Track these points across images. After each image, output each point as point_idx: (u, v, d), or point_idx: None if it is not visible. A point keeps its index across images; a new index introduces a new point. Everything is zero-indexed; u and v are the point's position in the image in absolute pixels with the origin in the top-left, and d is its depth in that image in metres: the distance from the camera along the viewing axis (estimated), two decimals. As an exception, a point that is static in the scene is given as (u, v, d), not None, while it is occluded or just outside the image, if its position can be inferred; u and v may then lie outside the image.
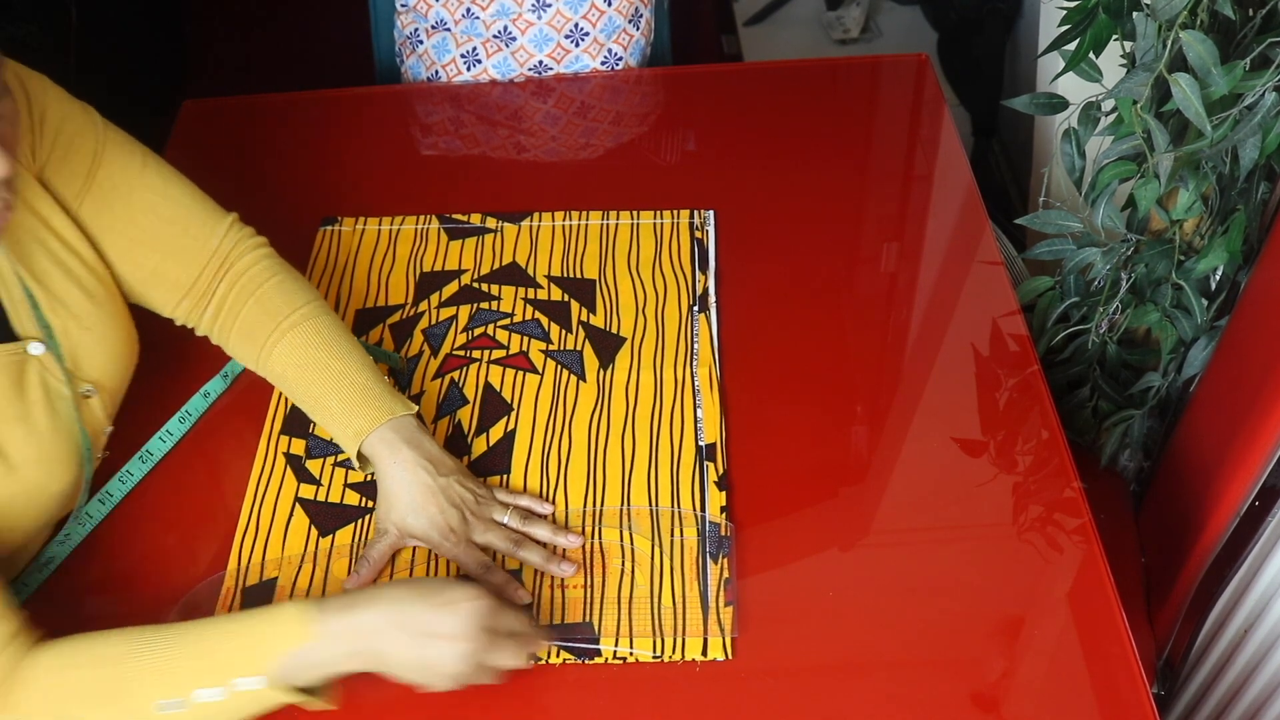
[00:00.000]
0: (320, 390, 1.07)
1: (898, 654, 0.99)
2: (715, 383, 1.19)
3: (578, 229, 1.37)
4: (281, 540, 1.08)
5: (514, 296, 1.29)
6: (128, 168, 1.05)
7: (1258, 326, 1.17)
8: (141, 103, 2.27)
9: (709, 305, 1.27)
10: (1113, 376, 1.41)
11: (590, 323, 1.26)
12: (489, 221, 1.38)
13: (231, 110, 1.59)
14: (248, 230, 1.14)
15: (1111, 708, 0.95)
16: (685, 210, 1.38)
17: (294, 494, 1.11)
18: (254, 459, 1.14)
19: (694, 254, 1.33)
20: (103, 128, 1.05)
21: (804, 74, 1.65)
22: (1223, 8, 1.05)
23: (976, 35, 2.23)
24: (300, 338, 1.09)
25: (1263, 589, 1.19)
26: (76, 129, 1.02)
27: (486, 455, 1.14)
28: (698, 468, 1.11)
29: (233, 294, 1.11)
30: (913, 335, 1.27)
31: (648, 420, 1.16)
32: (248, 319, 1.11)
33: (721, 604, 1.01)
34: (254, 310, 1.11)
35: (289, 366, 1.09)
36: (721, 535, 1.06)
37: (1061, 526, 1.07)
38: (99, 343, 1.03)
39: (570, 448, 1.14)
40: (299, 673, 0.89)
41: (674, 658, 0.98)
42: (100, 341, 1.03)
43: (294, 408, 1.15)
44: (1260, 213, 1.24)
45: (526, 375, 1.21)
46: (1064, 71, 1.19)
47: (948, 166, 1.46)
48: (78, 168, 1.02)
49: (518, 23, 1.56)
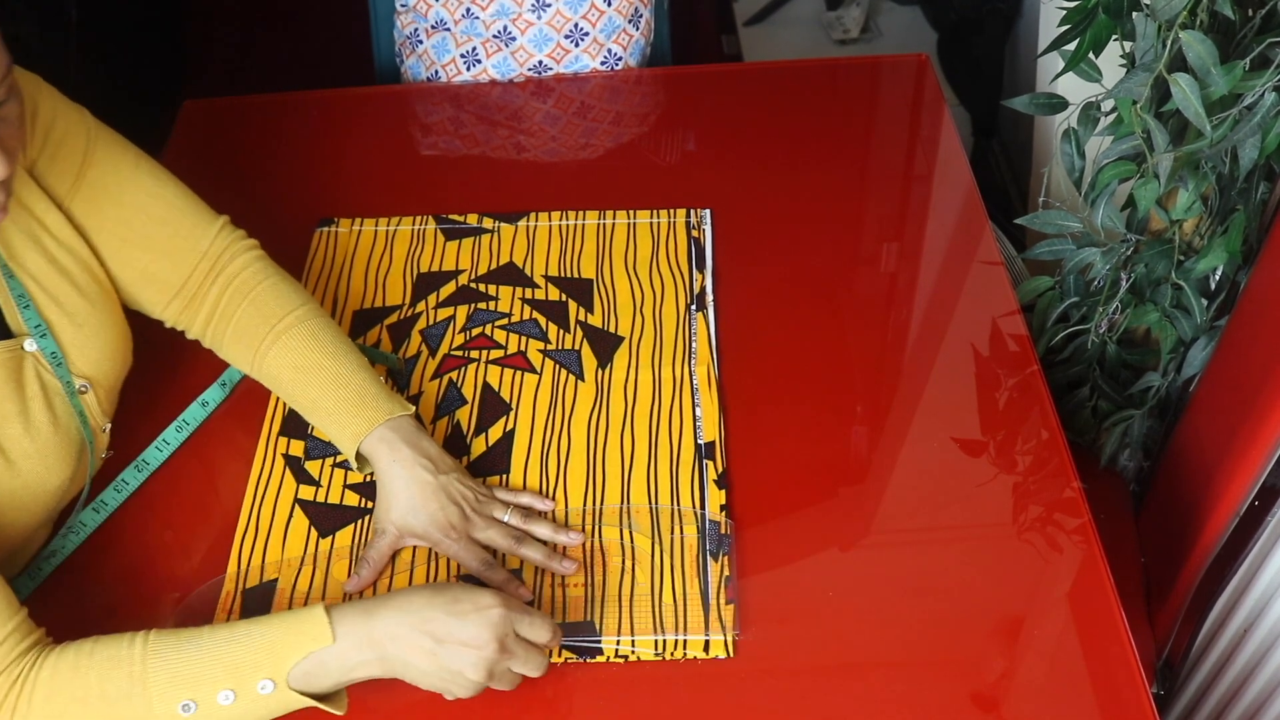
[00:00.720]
0: (317, 393, 1.07)
1: (898, 654, 0.99)
2: (713, 381, 1.19)
3: (575, 229, 1.37)
4: (281, 542, 1.08)
5: (511, 296, 1.29)
6: (119, 168, 1.05)
7: (1257, 326, 1.17)
8: (141, 102, 2.27)
9: (706, 304, 1.27)
10: (1112, 376, 1.41)
11: (588, 322, 1.26)
12: (486, 222, 1.38)
13: (231, 110, 1.59)
14: (239, 233, 1.14)
15: (1111, 707, 0.95)
16: (682, 209, 1.38)
17: (293, 495, 1.11)
18: (253, 460, 1.14)
19: (691, 253, 1.33)
20: (94, 128, 1.05)
21: (804, 74, 1.65)
22: (1222, 8, 1.05)
23: (976, 35, 2.23)
24: (295, 341, 1.09)
25: (1262, 589, 1.19)
26: (67, 127, 1.02)
27: (486, 455, 1.14)
28: (697, 466, 1.11)
29: (225, 297, 1.11)
30: (913, 335, 1.27)
31: (646, 419, 1.16)
32: (241, 323, 1.11)
33: (722, 602, 1.01)
34: (248, 314, 1.10)
35: (284, 369, 1.09)
36: (721, 533, 1.06)
37: (1061, 526, 1.07)
38: (93, 339, 1.03)
39: (569, 447, 1.14)
40: (316, 678, 0.89)
41: (676, 656, 0.98)
42: (94, 337, 1.03)
43: (292, 409, 1.15)
44: (1260, 213, 1.24)
45: (525, 375, 1.21)
46: (1064, 71, 1.19)
47: (948, 166, 1.46)
48: (68, 165, 1.02)
49: (517, 23, 1.56)
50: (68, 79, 1.05)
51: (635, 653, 0.98)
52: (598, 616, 1.00)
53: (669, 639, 0.99)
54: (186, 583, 1.05)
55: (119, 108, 1.14)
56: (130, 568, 1.07)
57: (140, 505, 1.12)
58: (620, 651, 0.98)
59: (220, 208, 1.14)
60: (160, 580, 1.06)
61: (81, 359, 1.02)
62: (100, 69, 2.21)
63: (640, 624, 1.00)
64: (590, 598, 1.02)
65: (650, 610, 1.01)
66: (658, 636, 0.99)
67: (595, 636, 0.99)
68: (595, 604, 1.01)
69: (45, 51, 2.03)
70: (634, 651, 0.98)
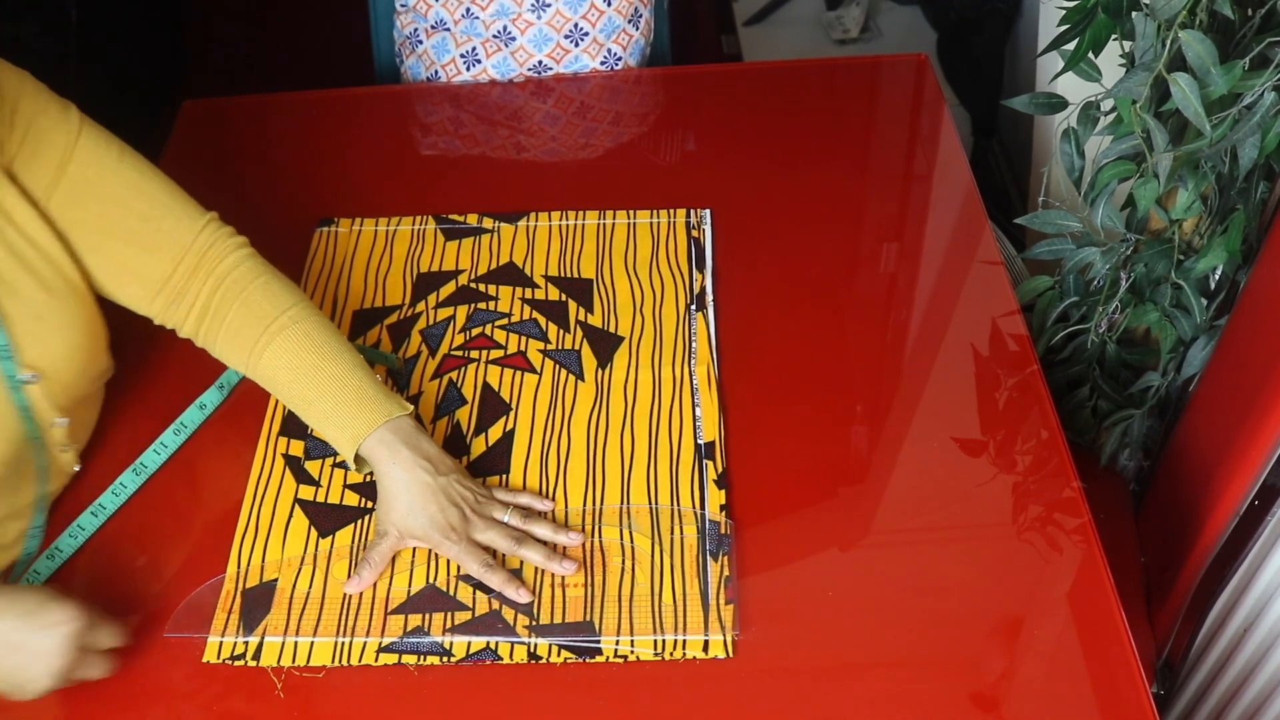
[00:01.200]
0: (314, 394, 1.07)
1: (898, 654, 0.99)
2: (713, 381, 1.19)
3: (574, 229, 1.37)
4: (281, 542, 1.07)
5: (511, 296, 1.29)
6: (102, 162, 1.05)
7: (1257, 326, 1.17)
8: (142, 102, 2.27)
9: (706, 304, 1.27)
10: (1112, 376, 1.41)
11: (588, 322, 1.26)
12: (485, 222, 1.38)
13: (231, 110, 1.59)
14: (227, 229, 1.13)
15: (1111, 707, 0.95)
16: (682, 209, 1.38)
17: (293, 495, 1.11)
18: (252, 460, 1.14)
19: (691, 253, 1.33)
20: (79, 123, 1.05)
21: (804, 74, 1.65)
22: (1222, 7, 1.05)
23: (976, 35, 2.23)
24: (289, 341, 1.08)
25: (1262, 589, 1.19)
26: (51, 124, 1.02)
27: (486, 455, 1.14)
28: (697, 466, 1.11)
29: (217, 297, 1.10)
30: (913, 335, 1.27)
31: (646, 419, 1.16)
32: (234, 323, 1.10)
33: (722, 602, 1.01)
34: (240, 313, 1.10)
35: (279, 370, 1.08)
36: (721, 533, 1.06)
37: (1061, 526, 1.07)
38: (54, 332, 1.03)
39: (569, 447, 1.14)
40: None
41: (675, 656, 0.98)
42: (55, 331, 1.03)
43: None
44: (1259, 212, 1.24)
45: (525, 375, 1.21)
46: (1063, 71, 1.19)
47: (948, 166, 1.46)
48: (48, 162, 1.02)
49: (517, 23, 1.56)
50: (68, 79, 1.05)
51: (634, 653, 0.98)
52: (597, 616, 1.00)
53: (668, 639, 0.99)
54: (186, 583, 1.05)
55: (119, 108, 1.14)
56: (130, 569, 1.07)
57: (139, 506, 1.12)
58: (619, 651, 0.98)
59: (220, 208, 1.13)
60: (160, 579, 1.06)
61: (35, 350, 1.02)
62: (100, 69, 2.21)
63: (640, 624, 1.00)
64: (590, 598, 1.02)
65: (650, 610, 1.01)
66: (657, 637, 0.99)
67: (595, 637, 0.99)
68: (595, 604, 1.01)
69: (45, 52, 2.03)
70: (633, 651, 0.98)
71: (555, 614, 1.01)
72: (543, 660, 0.98)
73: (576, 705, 0.96)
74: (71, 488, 1.12)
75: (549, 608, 1.01)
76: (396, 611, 1.02)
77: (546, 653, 0.98)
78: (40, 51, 1.99)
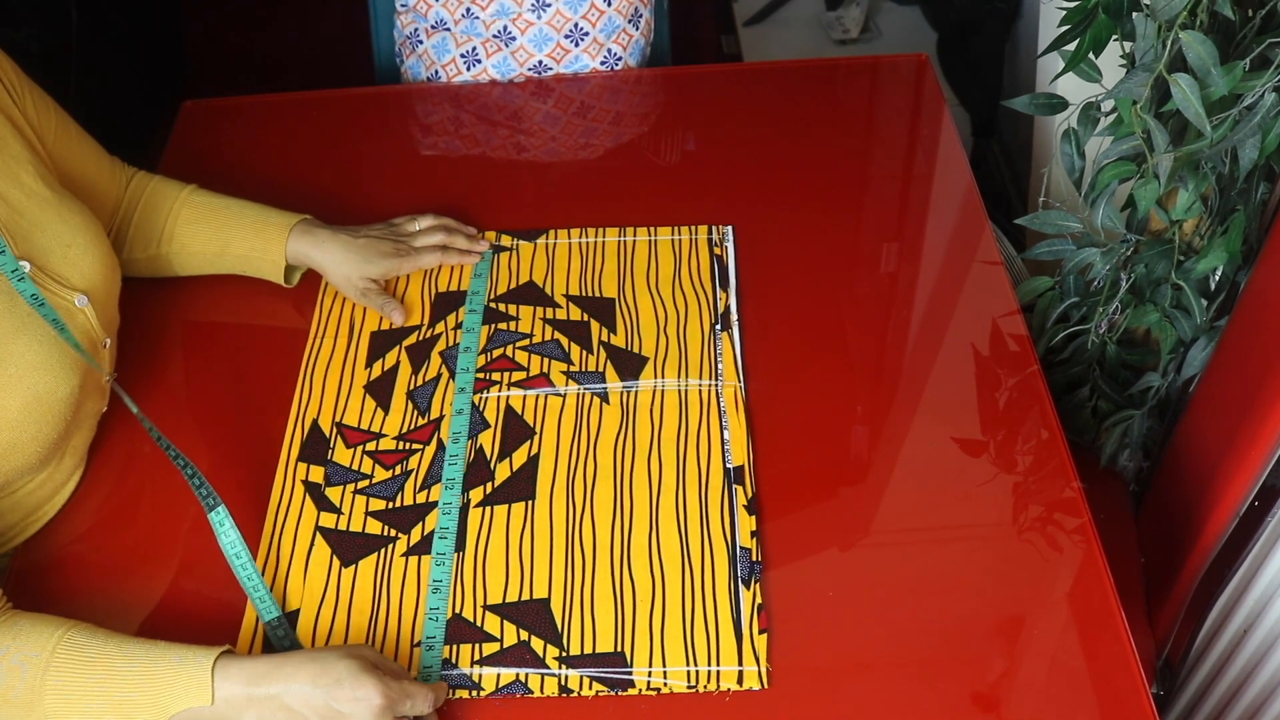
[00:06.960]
0: (223, 238, 1.24)
1: (898, 654, 0.99)
2: (741, 403, 1.17)
3: (595, 246, 1.34)
4: (303, 571, 1.05)
5: (532, 316, 1.26)
6: (44, 123, 1.13)
7: (1257, 326, 1.17)
8: (141, 102, 2.27)
9: (731, 323, 1.25)
10: (1112, 376, 1.41)
11: (611, 343, 1.23)
12: (504, 239, 1.35)
13: (231, 110, 1.59)
14: (131, 169, 1.28)
15: (1111, 708, 0.95)
16: (704, 226, 1.36)
17: (314, 523, 1.09)
18: (271, 487, 1.12)
19: (714, 271, 1.31)
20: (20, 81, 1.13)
21: (804, 74, 1.65)
22: (1222, 8, 1.05)
23: (976, 35, 2.23)
24: (192, 211, 1.25)
25: (1262, 589, 1.19)
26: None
27: (510, 481, 1.11)
28: (726, 491, 1.10)
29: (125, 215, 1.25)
30: (913, 335, 1.27)
31: (674, 443, 1.14)
32: (141, 219, 1.25)
33: (755, 631, 0.99)
34: (144, 212, 1.25)
35: (189, 234, 1.24)
36: (753, 560, 1.04)
37: (1061, 526, 1.07)
38: (83, 254, 1.08)
39: (596, 472, 1.12)
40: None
41: (709, 688, 0.97)
42: (84, 253, 1.08)
43: (311, 433, 1.14)
44: (1260, 213, 1.24)
45: (549, 397, 1.19)
46: (1063, 72, 1.19)
47: (948, 166, 1.46)
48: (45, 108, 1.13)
49: (517, 23, 1.56)
50: (68, 80, 1.06)
51: (667, 684, 0.97)
52: (628, 647, 0.99)
53: (701, 670, 0.97)
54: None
55: (119, 108, 1.14)
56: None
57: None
58: (652, 684, 0.97)
59: None
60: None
61: (76, 275, 1.07)
62: (101, 71, 2.21)
63: (671, 655, 0.98)
64: (620, 627, 1.00)
65: (681, 640, 0.99)
66: (690, 668, 0.97)
67: (626, 668, 0.97)
68: (625, 634, 1.00)
69: (45, 53, 2.03)
70: (666, 684, 0.97)
71: (585, 644, 0.99)
72: (574, 694, 0.96)
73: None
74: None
75: (578, 637, 1.00)
76: (422, 644, 1.00)
77: (578, 685, 0.97)
78: (40, 53, 1.99)
